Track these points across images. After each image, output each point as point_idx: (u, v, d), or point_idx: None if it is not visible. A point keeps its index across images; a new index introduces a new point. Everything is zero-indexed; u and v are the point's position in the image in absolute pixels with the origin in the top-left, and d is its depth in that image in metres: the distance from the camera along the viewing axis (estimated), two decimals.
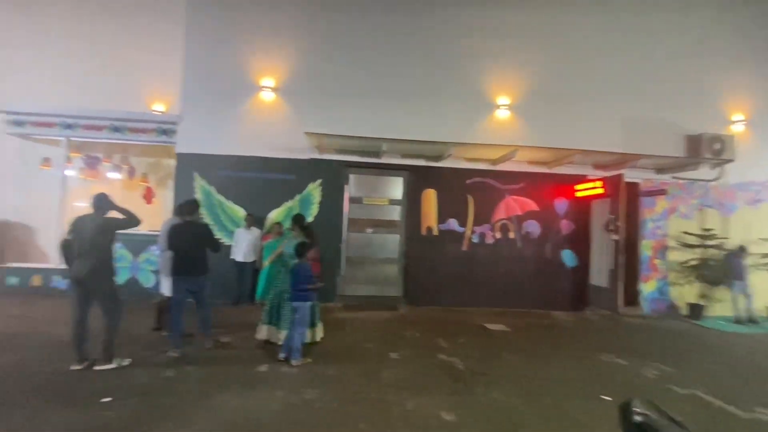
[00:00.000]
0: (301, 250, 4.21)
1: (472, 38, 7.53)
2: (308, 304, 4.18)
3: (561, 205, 7.66)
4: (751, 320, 6.88)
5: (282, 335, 4.37)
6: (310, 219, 7.14)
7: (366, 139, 6.59)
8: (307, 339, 4.44)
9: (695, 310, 7.19)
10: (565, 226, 7.65)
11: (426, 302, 7.19)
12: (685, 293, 7.42)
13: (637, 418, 0.90)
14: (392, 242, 7.44)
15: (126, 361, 3.87)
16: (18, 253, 8.08)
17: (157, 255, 6.88)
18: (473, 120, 7.51)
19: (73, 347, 3.75)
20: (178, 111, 7.24)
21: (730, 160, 7.42)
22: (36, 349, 4.17)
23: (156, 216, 8.44)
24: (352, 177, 7.35)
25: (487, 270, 7.43)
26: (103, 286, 3.77)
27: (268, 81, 7.16)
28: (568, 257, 7.62)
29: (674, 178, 7.81)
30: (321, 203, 7.22)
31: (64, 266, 3.87)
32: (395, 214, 7.49)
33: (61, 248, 3.80)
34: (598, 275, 7.34)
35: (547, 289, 7.51)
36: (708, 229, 7.41)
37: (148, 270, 6.96)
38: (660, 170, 7.86)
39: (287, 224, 6.93)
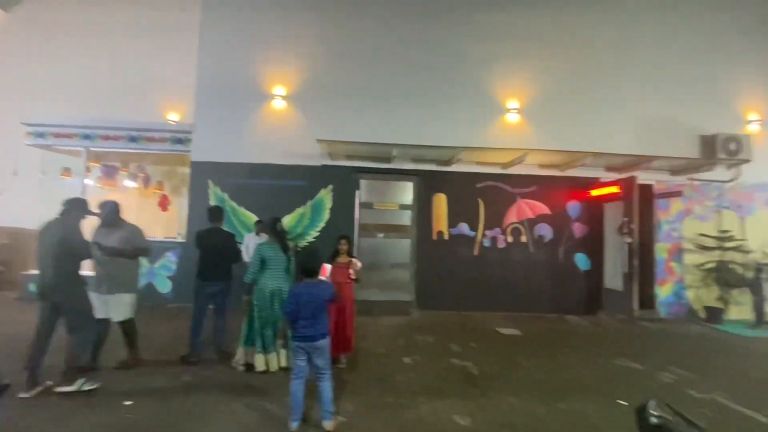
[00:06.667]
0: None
1: (482, 42, 7.57)
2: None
3: (573, 208, 7.60)
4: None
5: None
6: (321, 224, 7.24)
7: (377, 145, 6.67)
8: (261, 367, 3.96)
9: (713, 314, 7.05)
10: (578, 229, 7.59)
11: (438, 307, 7.19)
12: (703, 296, 7.31)
13: (654, 420, 0.92)
14: (403, 247, 7.47)
15: (88, 385, 3.31)
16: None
17: (174, 261, 7.14)
18: (483, 124, 7.54)
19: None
20: (191, 120, 7.43)
21: (746, 161, 7.32)
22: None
23: (171, 222, 8.69)
24: (363, 182, 7.43)
25: (500, 274, 7.40)
26: (70, 300, 3.38)
27: (279, 89, 7.30)
28: (581, 260, 7.55)
29: (689, 179, 7.68)
30: (332, 209, 7.31)
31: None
32: (406, 218, 7.52)
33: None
34: (612, 278, 7.25)
35: (561, 293, 7.45)
36: (725, 231, 7.29)
37: (165, 276, 7.10)
38: (674, 172, 7.74)
39: (298, 229, 7.09)
